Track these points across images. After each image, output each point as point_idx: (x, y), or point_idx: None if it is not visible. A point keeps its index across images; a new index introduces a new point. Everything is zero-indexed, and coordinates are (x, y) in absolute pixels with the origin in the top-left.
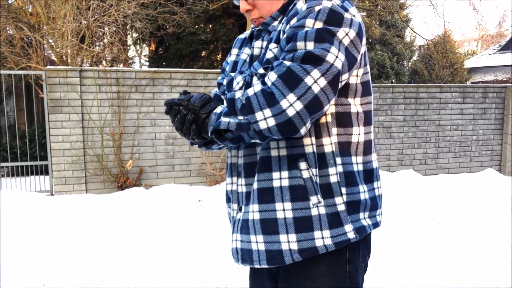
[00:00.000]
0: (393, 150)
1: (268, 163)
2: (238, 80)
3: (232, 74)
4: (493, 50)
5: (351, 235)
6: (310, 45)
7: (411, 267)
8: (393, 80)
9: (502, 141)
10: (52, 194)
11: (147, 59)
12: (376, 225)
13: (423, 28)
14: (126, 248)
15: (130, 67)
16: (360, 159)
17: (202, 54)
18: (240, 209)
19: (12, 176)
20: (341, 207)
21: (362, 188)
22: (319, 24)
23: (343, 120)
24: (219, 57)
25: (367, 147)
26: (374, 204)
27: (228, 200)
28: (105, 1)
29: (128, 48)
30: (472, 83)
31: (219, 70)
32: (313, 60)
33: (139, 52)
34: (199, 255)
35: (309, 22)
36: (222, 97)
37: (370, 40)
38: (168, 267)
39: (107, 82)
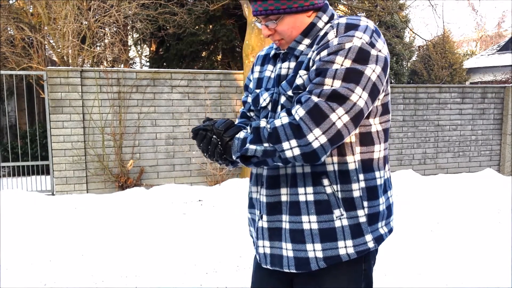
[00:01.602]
0: (392, 150)
1: (295, 179)
2: (265, 97)
3: (257, 91)
4: (492, 50)
5: (370, 244)
6: (337, 83)
7: (411, 267)
8: (393, 81)
9: (501, 141)
10: (53, 194)
11: (147, 60)
12: (390, 231)
13: (422, 28)
14: (126, 248)
15: (131, 67)
16: (382, 173)
17: (203, 55)
18: (261, 217)
19: (13, 176)
20: (363, 219)
21: (382, 200)
22: (348, 63)
23: (366, 139)
24: (219, 57)
25: (386, 161)
26: (389, 212)
27: (252, 206)
28: (106, 2)
29: (129, 48)
30: (471, 83)
31: (219, 71)
32: (339, 98)
33: (139, 52)
34: (199, 255)
35: (339, 59)
36: (249, 114)
37: None
38: (168, 267)
39: (108, 83)
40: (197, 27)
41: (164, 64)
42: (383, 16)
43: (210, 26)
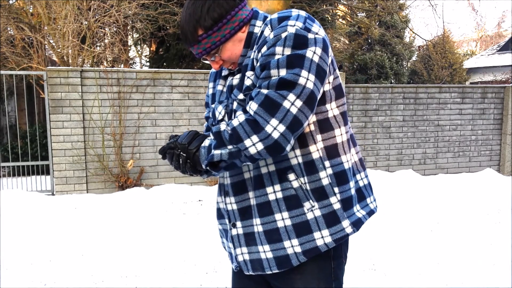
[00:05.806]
0: (392, 150)
1: (261, 180)
2: (220, 110)
3: (213, 106)
4: (492, 50)
5: (348, 229)
6: (283, 72)
7: (411, 267)
8: (393, 81)
9: (501, 141)
10: (53, 194)
11: (147, 60)
12: (371, 212)
13: (422, 28)
14: (126, 248)
15: (131, 67)
16: (349, 156)
17: None
18: (233, 225)
19: (13, 176)
20: (337, 206)
21: (352, 183)
22: (288, 51)
23: (325, 126)
24: None
25: (350, 144)
26: (360, 195)
27: (221, 217)
28: (106, 2)
29: (129, 48)
30: (471, 83)
31: None
32: (287, 85)
33: (139, 52)
34: (199, 255)
35: (278, 50)
36: (211, 127)
37: (369, 41)
38: (168, 267)
39: (108, 83)
40: None
41: (164, 64)
42: (383, 16)
43: None
